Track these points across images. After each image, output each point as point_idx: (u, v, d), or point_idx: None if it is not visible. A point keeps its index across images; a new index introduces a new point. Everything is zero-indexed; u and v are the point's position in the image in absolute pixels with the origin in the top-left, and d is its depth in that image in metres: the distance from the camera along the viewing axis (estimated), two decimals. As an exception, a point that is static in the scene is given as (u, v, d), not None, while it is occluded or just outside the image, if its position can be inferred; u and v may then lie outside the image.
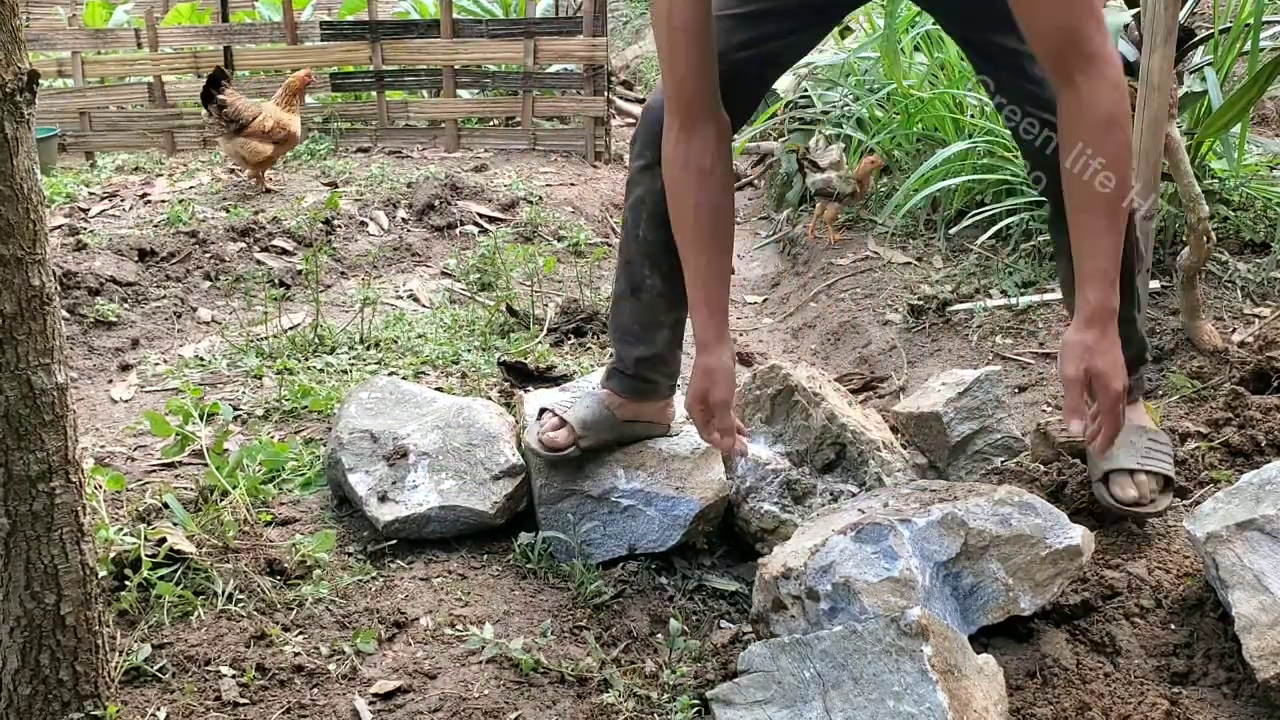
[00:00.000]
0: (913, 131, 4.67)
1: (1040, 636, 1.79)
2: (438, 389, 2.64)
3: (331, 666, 1.76)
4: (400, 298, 3.88)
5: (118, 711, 1.61)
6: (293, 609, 1.90)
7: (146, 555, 1.92)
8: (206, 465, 2.29)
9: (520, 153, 6.13)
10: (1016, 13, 1.60)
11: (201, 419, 2.44)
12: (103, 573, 1.74)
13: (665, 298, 2.05)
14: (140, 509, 2.13)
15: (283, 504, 2.26)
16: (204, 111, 5.07)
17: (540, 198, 5.05)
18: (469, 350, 3.17)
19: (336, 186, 5.09)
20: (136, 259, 3.94)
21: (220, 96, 4.89)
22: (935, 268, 3.85)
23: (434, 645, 1.84)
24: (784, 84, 6.04)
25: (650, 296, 2.06)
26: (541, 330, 3.34)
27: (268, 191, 5.04)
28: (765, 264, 4.83)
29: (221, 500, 2.14)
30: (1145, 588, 1.91)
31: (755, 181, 5.80)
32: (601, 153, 6.15)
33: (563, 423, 2.12)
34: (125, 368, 3.23)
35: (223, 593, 1.90)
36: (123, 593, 1.88)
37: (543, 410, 2.19)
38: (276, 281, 3.96)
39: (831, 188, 4.29)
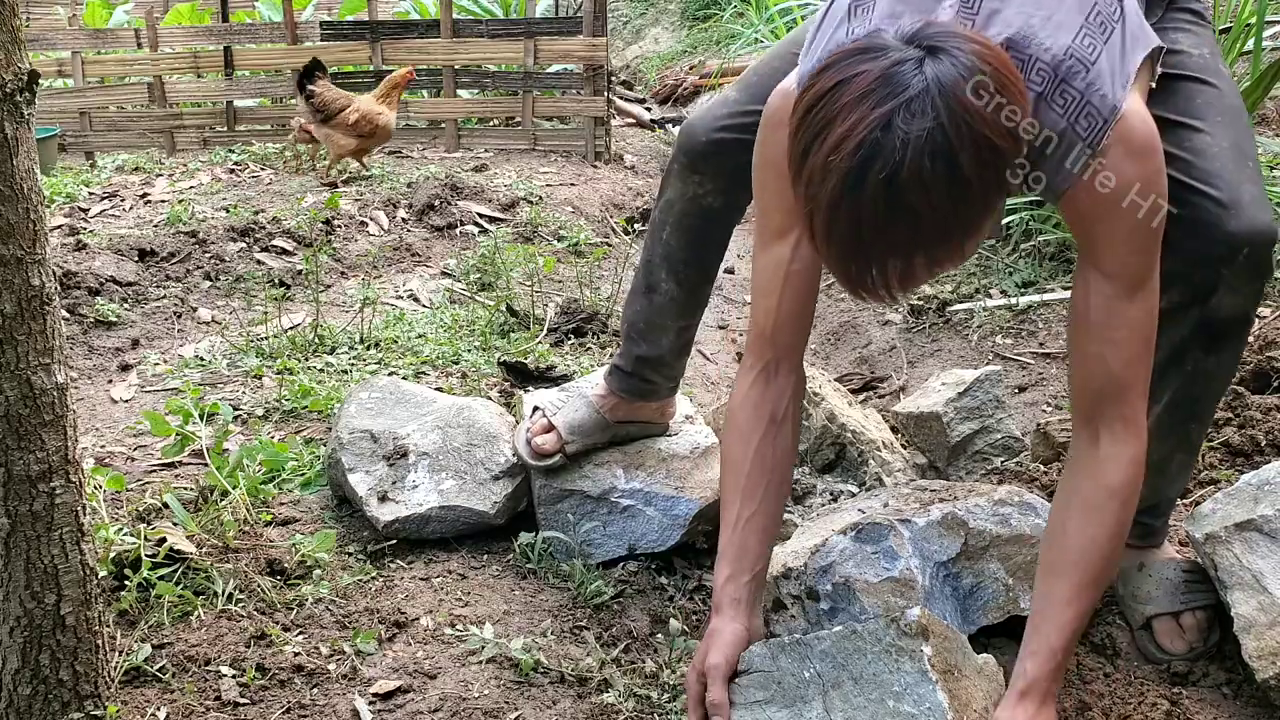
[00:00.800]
0: (913, 131, 4.67)
1: (1040, 636, 1.79)
2: (438, 389, 2.64)
3: (331, 666, 1.76)
4: (400, 298, 3.88)
5: (118, 711, 1.61)
6: (293, 609, 1.90)
7: (146, 555, 1.92)
8: (206, 465, 2.29)
9: (520, 153, 6.13)
10: (1073, 343, 1.50)
11: (201, 419, 2.44)
12: (103, 573, 1.74)
13: (678, 304, 2.03)
14: (140, 509, 2.13)
15: (283, 504, 2.26)
16: (298, 99, 5.32)
17: (540, 198, 5.05)
18: (469, 350, 3.17)
19: (336, 186, 5.09)
20: (136, 259, 3.94)
21: (311, 87, 5.16)
22: (935, 268, 3.85)
23: (434, 645, 1.84)
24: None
25: (663, 300, 2.03)
26: (541, 330, 3.34)
27: (365, 177, 5.26)
28: (765, 264, 4.83)
29: (221, 500, 2.14)
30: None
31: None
32: (601, 153, 6.15)
33: (550, 426, 2.12)
34: (125, 368, 3.23)
35: (223, 593, 1.90)
36: (123, 593, 1.88)
37: (535, 408, 2.19)
38: (276, 281, 3.96)
39: None
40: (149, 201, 4.94)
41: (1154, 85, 1.51)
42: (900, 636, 1.46)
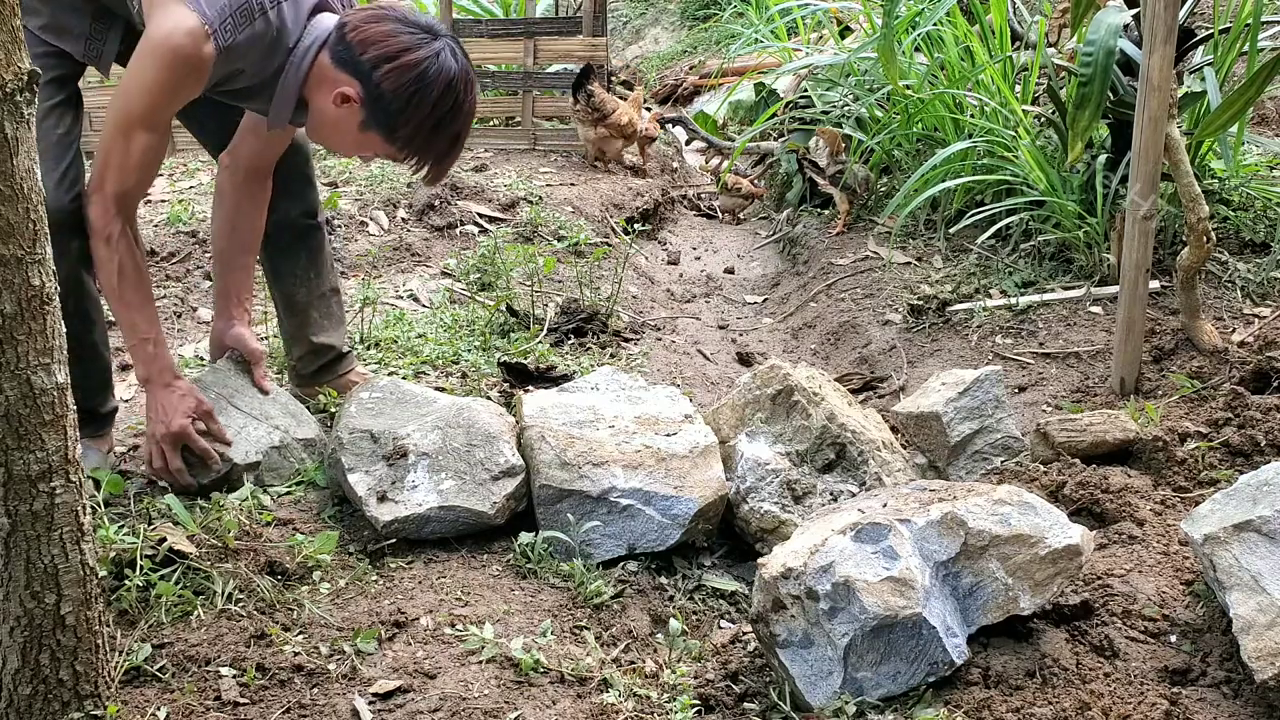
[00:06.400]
0: (913, 131, 4.67)
1: (1040, 636, 1.79)
2: (438, 389, 2.65)
3: (331, 666, 1.76)
4: (400, 298, 3.88)
5: (118, 711, 1.61)
6: (293, 609, 1.90)
7: (146, 555, 1.92)
8: (206, 465, 2.28)
9: (520, 153, 6.13)
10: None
11: (201, 419, 2.44)
12: (103, 573, 1.74)
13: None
14: (140, 509, 2.13)
15: (283, 504, 2.26)
16: (572, 100, 5.60)
17: (540, 198, 5.04)
18: (469, 350, 3.17)
19: (336, 186, 5.09)
20: (136, 259, 3.93)
21: (590, 87, 5.47)
22: (935, 268, 3.85)
23: (434, 645, 1.84)
24: (784, 84, 6.04)
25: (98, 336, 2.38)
26: (541, 330, 3.34)
27: (629, 169, 5.70)
28: (765, 264, 4.83)
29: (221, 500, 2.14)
30: (1144, 588, 1.91)
31: (754, 182, 5.80)
32: (601, 152, 6.14)
33: None
34: (125, 368, 3.22)
35: (223, 593, 1.90)
36: (123, 592, 1.88)
37: None
38: (276, 281, 3.95)
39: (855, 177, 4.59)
40: (149, 201, 4.94)
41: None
42: None
